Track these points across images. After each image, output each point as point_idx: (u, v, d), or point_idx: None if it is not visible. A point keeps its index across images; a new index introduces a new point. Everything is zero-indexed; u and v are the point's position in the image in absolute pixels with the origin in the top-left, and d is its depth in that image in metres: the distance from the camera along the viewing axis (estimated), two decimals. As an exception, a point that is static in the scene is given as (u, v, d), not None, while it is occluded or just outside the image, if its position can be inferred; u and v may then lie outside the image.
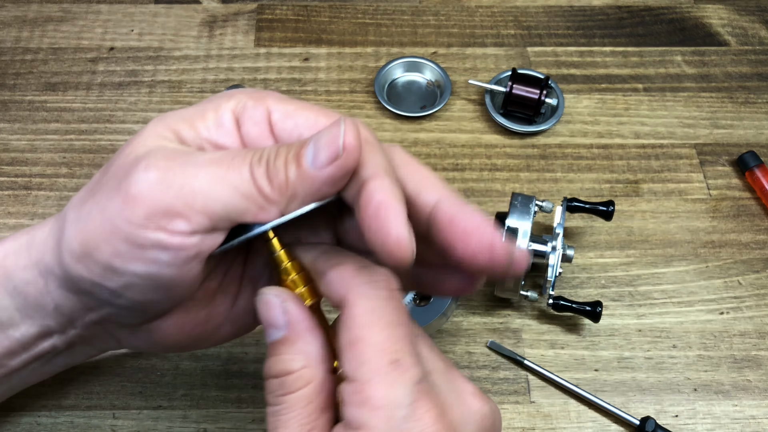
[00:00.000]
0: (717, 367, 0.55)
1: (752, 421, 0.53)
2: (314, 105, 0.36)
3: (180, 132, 0.35)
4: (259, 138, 0.36)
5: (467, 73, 0.72)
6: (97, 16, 0.75)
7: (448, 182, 0.64)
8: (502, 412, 0.53)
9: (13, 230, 0.60)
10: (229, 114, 0.36)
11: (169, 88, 0.69)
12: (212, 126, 0.36)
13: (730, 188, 0.65)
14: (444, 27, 0.75)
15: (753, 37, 0.75)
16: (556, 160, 0.66)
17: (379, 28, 0.75)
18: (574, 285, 0.59)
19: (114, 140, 0.66)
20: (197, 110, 0.36)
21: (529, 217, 0.53)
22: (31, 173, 0.64)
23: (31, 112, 0.68)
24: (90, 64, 0.71)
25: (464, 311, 0.57)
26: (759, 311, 0.58)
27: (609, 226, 0.62)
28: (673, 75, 0.72)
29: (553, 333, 0.57)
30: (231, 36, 0.74)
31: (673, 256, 0.61)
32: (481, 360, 0.55)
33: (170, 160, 0.33)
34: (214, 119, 0.36)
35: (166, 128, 0.35)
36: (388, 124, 0.68)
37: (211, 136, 0.36)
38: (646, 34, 0.75)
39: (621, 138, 0.67)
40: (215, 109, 0.36)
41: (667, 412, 0.53)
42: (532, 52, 0.73)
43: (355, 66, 0.72)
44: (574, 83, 0.71)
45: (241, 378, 0.54)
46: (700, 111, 0.69)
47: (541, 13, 0.77)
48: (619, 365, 0.55)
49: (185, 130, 0.35)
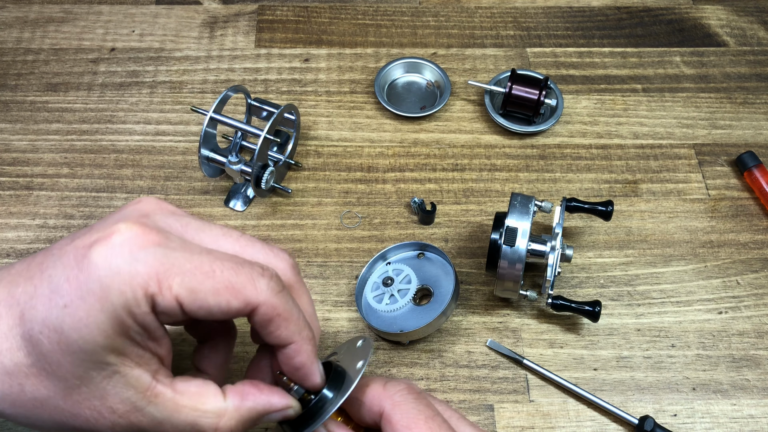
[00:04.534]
0: (715, 367, 0.55)
1: (750, 421, 0.53)
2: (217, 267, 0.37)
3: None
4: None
5: (467, 73, 0.72)
6: (98, 17, 0.75)
7: (448, 183, 0.64)
8: (502, 411, 0.53)
9: (15, 230, 0.61)
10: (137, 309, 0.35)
11: (170, 88, 0.70)
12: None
13: (728, 188, 0.65)
14: (444, 28, 0.75)
15: (751, 38, 0.75)
16: (555, 161, 0.66)
17: (379, 29, 0.75)
18: (573, 284, 0.59)
19: (115, 140, 0.66)
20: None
21: (528, 217, 0.53)
22: (32, 173, 0.64)
23: (32, 112, 0.68)
24: (91, 64, 0.71)
25: (464, 311, 0.58)
26: (757, 311, 0.58)
27: (608, 226, 0.62)
28: (671, 75, 0.72)
29: (552, 332, 0.57)
30: (232, 37, 0.74)
31: (671, 256, 0.61)
32: (481, 359, 0.55)
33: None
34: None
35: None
36: (388, 125, 0.68)
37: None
38: (645, 34, 0.75)
39: (620, 138, 0.68)
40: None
41: (666, 411, 0.53)
42: (531, 52, 0.73)
43: (355, 67, 0.72)
44: (573, 84, 0.71)
45: (241, 378, 0.54)
46: (699, 111, 0.70)
47: (541, 14, 0.77)
48: (617, 364, 0.55)
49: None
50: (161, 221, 0.38)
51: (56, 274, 0.35)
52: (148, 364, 0.37)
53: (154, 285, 0.35)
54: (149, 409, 0.36)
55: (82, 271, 0.34)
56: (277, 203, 0.63)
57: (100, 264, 0.34)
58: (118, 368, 0.35)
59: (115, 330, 0.34)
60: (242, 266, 0.37)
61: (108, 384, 0.36)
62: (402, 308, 0.56)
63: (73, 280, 0.35)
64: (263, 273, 0.37)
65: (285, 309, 0.38)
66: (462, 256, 0.60)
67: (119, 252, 0.35)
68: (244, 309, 0.37)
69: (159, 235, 0.36)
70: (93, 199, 0.63)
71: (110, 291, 0.34)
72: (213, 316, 0.36)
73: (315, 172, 0.65)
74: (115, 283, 0.34)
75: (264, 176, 0.59)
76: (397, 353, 0.55)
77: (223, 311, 0.36)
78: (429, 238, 0.61)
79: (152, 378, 0.37)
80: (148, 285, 0.34)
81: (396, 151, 0.66)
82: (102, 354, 0.35)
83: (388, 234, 0.61)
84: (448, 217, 0.62)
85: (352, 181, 0.64)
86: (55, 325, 0.35)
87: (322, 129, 0.67)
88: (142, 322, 0.35)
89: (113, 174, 0.64)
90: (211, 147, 0.61)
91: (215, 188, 0.64)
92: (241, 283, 0.36)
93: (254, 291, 0.36)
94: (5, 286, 0.37)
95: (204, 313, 0.36)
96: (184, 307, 0.35)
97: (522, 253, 0.52)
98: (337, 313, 0.57)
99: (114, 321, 0.34)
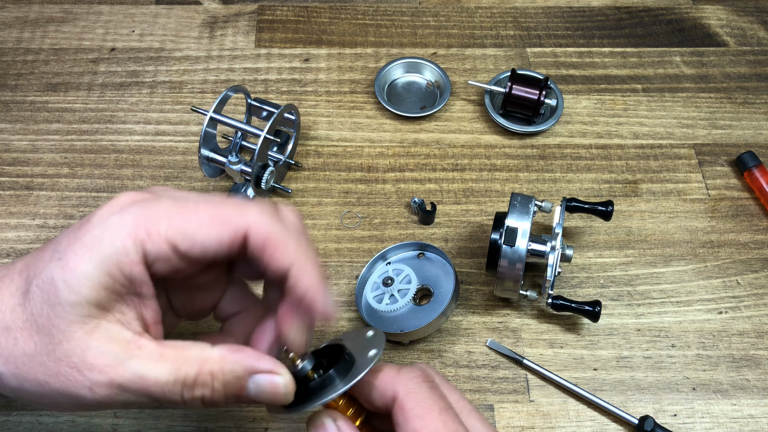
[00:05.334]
0: (715, 367, 0.55)
1: (750, 420, 0.53)
2: (205, 204, 0.38)
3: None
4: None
5: (467, 73, 0.72)
6: (98, 17, 0.75)
7: (448, 183, 0.64)
8: (501, 411, 0.53)
9: (15, 230, 0.61)
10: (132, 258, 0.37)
11: (170, 88, 0.70)
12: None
13: (728, 188, 0.65)
14: (444, 28, 0.75)
15: (751, 38, 0.75)
16: (555, 161, 0.66)
17: (379, 29, 0.75)
18: (573, 284, 0.59)
19: (115, 140, 0.66)
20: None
21: (528, 217, 0.53)
22: (32, 173, 0.64)
23: (32, 112, 0.68)
24: (91, 64, 0.71)
25: (464, 310, 0.58)
26: (757, 311, 0.58)
27: (608, 226, 0.62)
28: (671, 75, 0.72)
29: (552, 332, 0.57)
30: (231, 37, 0.74)
31: (671, 256, 0.61)
32: (481, 359, 0.55)
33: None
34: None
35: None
36: (388, 125, 0.68)
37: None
38: (645, 34, 0.75)
39: (620, 138, 0.68)
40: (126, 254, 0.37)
41: (666, 411, 0.53)
42: (531, 52, 0.73)
43: (355, 66, 0.72)
44: (573, 84, 0.71)
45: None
46: (699, 111, 0.70)
47: (541, 14, 0.77)
48: (617, 364, 0.55)
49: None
50: (158, 189, 0.41)
51: (61, 237, 0.38)
52: (131, 324, 0.37)
53: (143, 232, 0.36)
54: (131, 362, 0.36)
55: (80, 229, 0.37)
56: (276, 203, 0.63)
57: (95, 222, 0.37)
58: (100, 322, 0.36)
59: (101, 282, 0.36)
60: (227, 201, 0.39)
61: (89, 339, 0.36)
62: (402, 308, 0.56)
63: (72, 238, 0.37)
64: (250, 202, 0.39)
65: (277, 230, 0.38)
66: (462, 256, 0.60)
67: (113, 210, 0.37)
68: (236, 236, 0.37)
69: (151, 193, 0.39)
70: (93, 199, 0.63)
71: (101, 242, 0.36)
72: (208, 253, 0.37)
73: (315, 172, 0.65)
74: (105, 235, 0.36)
75: (264, 176, 0.59)
76: (397, 353, 0.55)
77: (215, 244, 0.37)
78: (429, 238, 0.61)
79: (135, 334, 0.37)
80: (136, 233, 0.36)
81: (396, 151, 0.66)
82: (85, 307, 0.35)
83: (388, 234, 0.61)
84: (448, 217, 0.62)
85: (352, 181, 0.64)
86: (48, 277, 0.36)
87: (322, 129, 0.67)
88: (129, 273, 0.36)
89: (113, 174, 0.64)
90: (211, 147, 0.61)
91: (215, 188, 0.64)
92: (227, 212, 0.38)
93: (241, 216, 0.38)
94: (25, 259, 0.39)
95: (198, 249, 0.37)
96: (177, 248, 0.37)
97: (522, 253, 0.52)
98: (338, 313, 0.57)
99: (101, 271, 0.35)
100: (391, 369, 0.40)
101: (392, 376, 0.39)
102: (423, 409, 0.37)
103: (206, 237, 0.37)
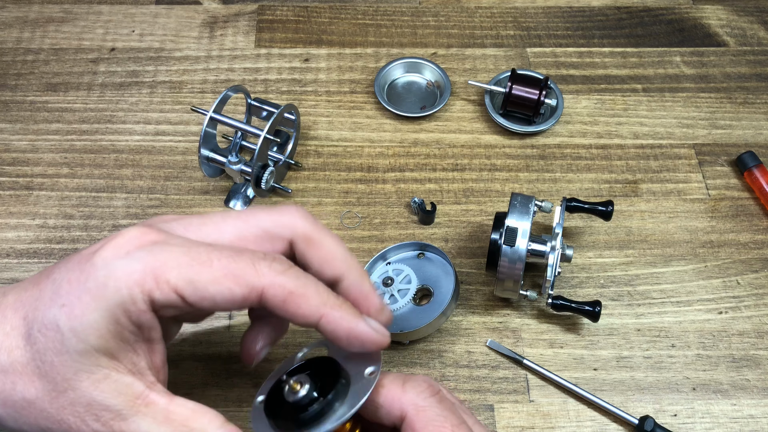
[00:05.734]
0: (715, 367, 0.55)
1: (751, 421, 0.53)
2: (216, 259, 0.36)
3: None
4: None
5: (467, 73, 0.72)
6: (98, 17, 0.75)
7: (448, 183, 0.64)
8: (502, 411, 0.53)
9: (15, 230, 0.61)
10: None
11: (170, 88, 0.70)
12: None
13: (728, 188, 0.65)
14: (444, 28, 0.75)
15: (752, 38, 0.75)
16: (556, 161, 0.66)
17: (379, 29, 0.75)
18: (573, 284, 0.59)
19: (115, 140, 0.66)
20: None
21: (528, 217, 0.53)
22: (32, 173, 0.64)
23: (32, 112, 0.68)
24: (91, 64, 0.71)
25: (464, 310, 0.58)
26: (757, 311, 0.58)
27: (608, 226, 0.62)
28: (671, 75, 0.72)
29: (552, 332, 0.57)
30: (231, 37, 0.74)
31: (671, 256, 0.61)
32: (481, 359, 0.55)
33: None
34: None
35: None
36: (388, 125, 0.68)
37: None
38: (645, 34, 0.75)
39: (620, 138, 0.68)
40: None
41: (666, 412, 0.53)
42: (531, 52, 0.73)
43: (355, 66, 0.72)
44: (573, 84, 0.71)
45: (242, 377, 0.54)
46: (699, 111, 0.70)
47: (541, 13, 0.77)
48: (617, 364, 0.55)
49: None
50: (164, 226, 0.38)
51: (60, 277, 0.36)
52: (143, 373, 0.36)
53: (151, 281, 0.35)
54: (135, 419, 0.35)
55: (83, 273, 0.35)
56: (277, 203, 0.63)
57: (99, 264, 0.35)
58: (109, 373, 0.35)
59: (109, 330, 0.34)
60: (241, 254, 0.37)
61: (96, 389, 0.35)
62: (402, 308, 0.56)
63: (74, 281, 0.35)
64: (264, 256, 0.37)
65: (296, 286, 0.36)
66: (462, 256, 0.60)
67: (118, 252, 0.35)
68: (250, 294, 0.36)
69: (159, 234, 0.37)
70: (93, 199, 0.63)
71: (107, 289, 0.34)
72: (218, 306, 0.36)
73: (315, 172, 0.65)
74: (111, 281, 0.34)
75: (264, 176, 0.59)
76: (397, 353, 0.55)
77: (227, 299, 0.36)
78: (429, 238, 0.61)
79: (146, 387, 0.36)
80: (144, 281, 0.35)
81: (396, 151, 0.66)
82: (94, 355, 0.34)
83: (388, 234, 0.61)
84: (448, 217, 0.62)
85: (352, 181, 0.64)
86: (51, 323, 0.35)
87: (322, 129, 0.67)
88: (137, 321, 0.35)
89: (113, 174, 0.64)
90: (211, 147, 0.61)
91: (215, 188, 0.64)
92: (241, 268, 0.36)
93: (256, 274, 0.36)
94: (17, 292, 0.38)
95: (208, 303, 0.36)
96: (185, 298, 0.35)
97: (522, 253, 0.52)
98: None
99: (108, 320, 0.34)
100: (396, 384, 0.38)
101: (398, 393, 0.38)
102: (435, 427, 0.36)
103: (217, 292, 0.36)
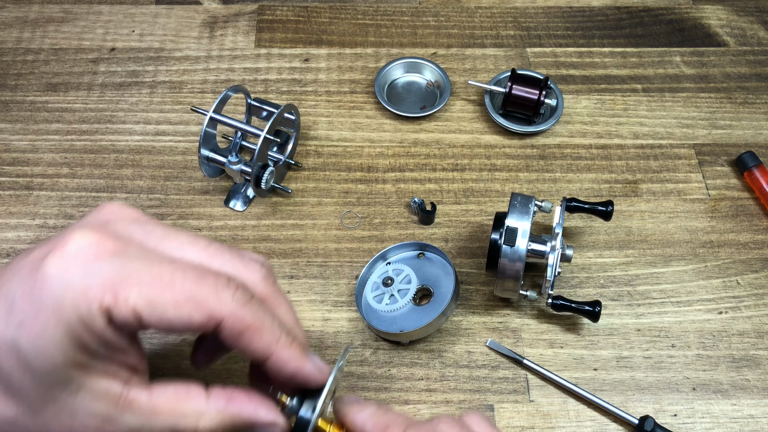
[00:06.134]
0: (715, 367, 0.55)
1: (750, 421, 0.53)
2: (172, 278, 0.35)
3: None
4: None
5: (467, 73, 0.72)
6: (98, 17, 0.75)
7: (448, 183, 0.64)
8: (502, 411, 0.53)
9: (15, 230, 0.61)
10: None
11: (170, 88, 0.70)
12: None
13: (728, 188, 0.65)
14: (444, 28, 0.75)
15: (752, 38, 0.75)
16: (555, 161, 0.66)
17: (379, 29, 0.75)
18: (573, 285, 0.59)
19: (115, 140, 0.66)
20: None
21: (528, 217, 0.53)
22: (32, 173, 0.64)
23: (32, 112, 0.68)
24: (91, 64, 0.71)
25: (464, 311, 0.58)
26: (757, 311, 0.58)
27: (608, 226, 0.62)
28: (671, 75, 0.72)
29: (552, 332, 0.57)
30: (231, 37, 0.74)
31: (671, 256, 0.61)
32: (481, 359, 0.55)
33: None
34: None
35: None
36: (388, 125, 0.68)
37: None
38: (645, 34, 0.75)
39: (620, 138, 0.68)
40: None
41: (666, 412, 0.53)
42: (531, 52, 0.73)
43: (355, 66, 0.72)
44: (573, 84, 0.71)
45: (242, 378, 0.54)
46: (699, 111, 0.70)
47: (541, 14, 0.77)
48: (617, 364, 0.55)
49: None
50: (122, 229, 0.36)
51: (12, 289, 0.34)
52: (116, 374, 0.35)
53: (110, 297, 0.33)
54: (124, 417, 0.35)
55: (35, 286, 0.33)
56: (277, 203, 0.63)
57: (54, 277, 0.33)
58: (83, 382, 0.34)
59: (73, 345, 0.33)
60: (205, 277, 0.35)
61: (75, 400, 0.34)
62: (402, 308, 0.56)
63: (27, 296, 0.33)
64: (228, 284, 0.35)
65: (254, 320, 0.35)
66: (462, 256, 0.60)
67: (72, 263, 0.33)
68: (208, 322, 0.35)
69: (116, 243, 0.34)
70: (93, 199, 0.63)
71: (63, 305, 0.32)
72: (174, 330, 0.34)
73: (315, 172, 0.65)
74: (68, 297, 0.33)
75: (264, 176, 0.59)
76: (397, 353, 0.55)
77: (184, 324, 0.34)
78: (429, 238, 0.61)
79: (124, 386, 0.35)
80: (102, 298, 0.33)
81: (396, 151, 0.66)
82: (63, 371, 0.33)
83: (388, 234, 0.61)
84: (448, 217, 0.62)
85: (352, 181, 0.64)
86: (12, 343, 0.33)
87: (322, 129, 0.67)
88: (101, 336, 0.33)
89: (113, 174, 0.64)
90: (211, 147, 0.61)
91: (215, 188, 0.64)
92: (204, 294, 0.34)
93: (218, 303, 0.34)
94: None
95: (165, 326, 0.34)
96: (142, 320, 0.34)
97: (522, 253, 0.52)
98: (337, 313, 0.57)
99: (70, 336, 0.33)
100: (369, 410, 0.39)
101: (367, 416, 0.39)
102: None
103: (175, 316, 0.34)
